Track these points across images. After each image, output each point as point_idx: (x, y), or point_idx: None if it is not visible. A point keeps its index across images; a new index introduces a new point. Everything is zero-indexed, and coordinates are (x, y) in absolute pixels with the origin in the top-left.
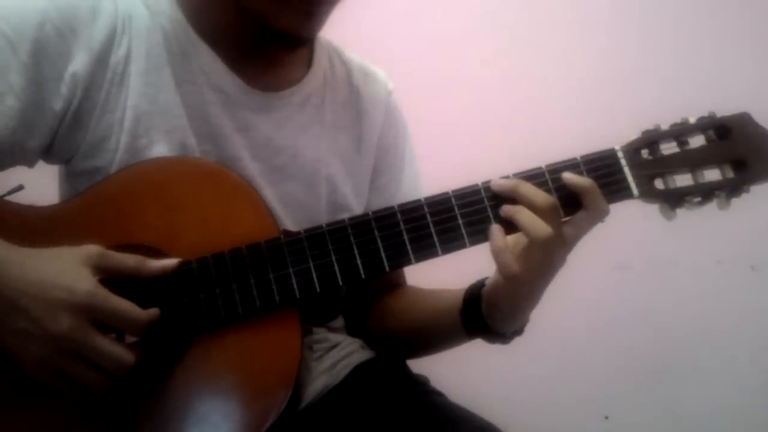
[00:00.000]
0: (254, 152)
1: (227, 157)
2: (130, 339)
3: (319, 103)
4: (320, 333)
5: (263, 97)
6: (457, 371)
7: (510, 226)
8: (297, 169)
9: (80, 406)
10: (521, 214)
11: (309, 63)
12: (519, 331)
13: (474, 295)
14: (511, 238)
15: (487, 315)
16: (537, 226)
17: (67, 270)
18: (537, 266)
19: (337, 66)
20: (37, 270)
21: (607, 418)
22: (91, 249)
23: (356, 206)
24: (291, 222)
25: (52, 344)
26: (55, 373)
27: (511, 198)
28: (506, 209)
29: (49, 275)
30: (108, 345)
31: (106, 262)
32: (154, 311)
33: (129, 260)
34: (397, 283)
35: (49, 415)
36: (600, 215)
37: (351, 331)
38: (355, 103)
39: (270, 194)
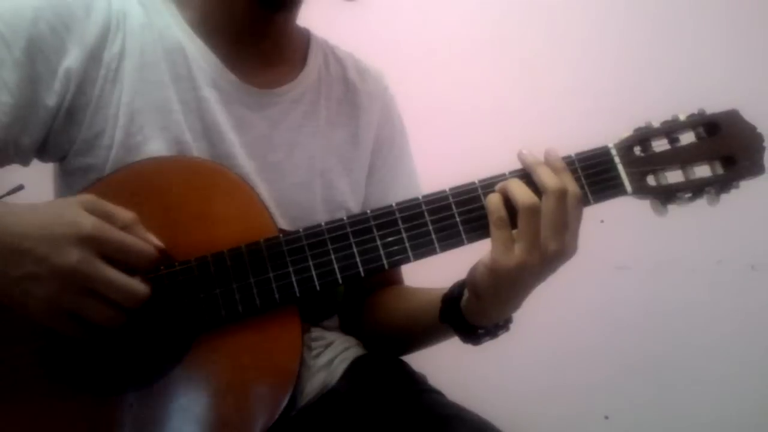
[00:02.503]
0: (250, 150)
1: (222, 154)
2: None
3: (314, 100)
4: (316, 331)
5: (259, 94)
6: (456, 369)
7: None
8: (292, 166)
9: (78, 400)
10: (512, 183)
11: (303, 61)
12: (492, 334)
13: (459, 285)
14: None
15: (466, 305)
16: (523, 192)
17: (66, 210)
18: (525, 236)
19: (331, 63)
20: (36, 215)
21: (607, 418)
22: (87, 195)
23: (353, 203)
24: (286, 220)
25: (60, 280)
26: (65, 314)
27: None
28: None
29: (50, 216)
30: (120, 275)
31: (101, 207)
32: (160, 248)
33: (122, 212)
34: (393, 281)
35: (45, 407)
36: (554, 194)
37: (345, 329)
38: (350, 99)
39: (265, 192)
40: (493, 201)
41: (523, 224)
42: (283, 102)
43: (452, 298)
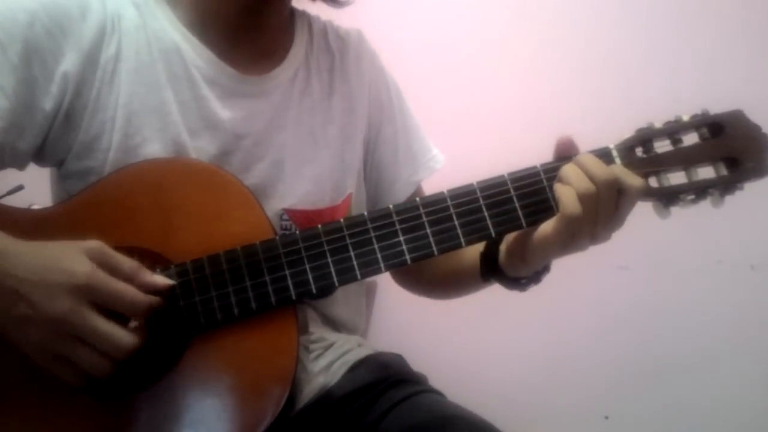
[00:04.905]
0: (257, 138)
1: (229, 150)
2: (134, 324)
3: (306, 75)
4: (317, 332)
5: (258, 81)
6: (456, 370)
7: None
8: (297, 144)
9: (77, 402)
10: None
11: (291, 38)
12: (535, 280)
13: (494, 241)
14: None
15: (506, 264)
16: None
17: (67, 256)
18: (589, 226)
19: (315, 35)
20: (38, 259)
21: (607, 418)
22: (93, 242)
23: (352, 170)
24: (303, 192)
25: (51, 327)
26: (56, 359)
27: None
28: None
29: (50, 262)
30: (107, 326)
31: (105, 258)
32: (157, 299)
33: (126, 262)
34: None
35: (45, 410)
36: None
37: None
38: (338, 67)
39: (276, 174)
40: (569, 196)
41: (598, 222)
42: (280, 83)
43: (490, 258)
